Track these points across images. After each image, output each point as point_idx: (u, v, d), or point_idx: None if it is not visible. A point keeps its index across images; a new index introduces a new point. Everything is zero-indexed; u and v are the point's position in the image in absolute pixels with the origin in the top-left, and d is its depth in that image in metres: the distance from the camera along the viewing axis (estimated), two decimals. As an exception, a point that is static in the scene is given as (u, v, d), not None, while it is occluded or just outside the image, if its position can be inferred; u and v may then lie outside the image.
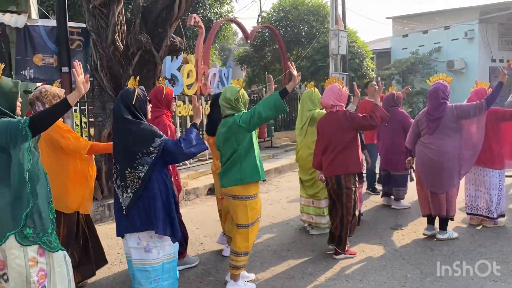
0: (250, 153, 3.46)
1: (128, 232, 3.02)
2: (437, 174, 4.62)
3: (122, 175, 2.98)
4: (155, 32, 5.86)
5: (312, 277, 3.82)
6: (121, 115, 2.98)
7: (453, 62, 17.87)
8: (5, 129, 2.43)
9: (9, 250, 2.45)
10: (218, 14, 14.69)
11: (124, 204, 2.98)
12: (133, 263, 3.03)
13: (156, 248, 3.00)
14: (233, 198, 3.52)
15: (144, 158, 2.93)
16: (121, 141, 3.02)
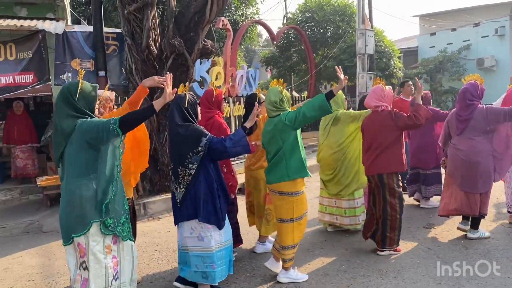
0: (295, 150, 3.62)
1: (181, 221, 3.39)
2: (471, 175, 4.58)
3: (175, 172, 3.37)
4: (187, 36, 6.03)
5: (346, 274, 3.88)
6: (173, 120, 3.37)
7: (483, 60, 17.51)
8: (95, 127, 2.73)
9: (92, 237, 2.71)
10: (244, 16, 14.83)
11: (178, 198, 3.37)
12: (190, 250, 3.38)
13: (207, 237, 3.33)
14: (280, 194, 3.67)
15: (194, 157, 3.28)
16: (174, 143, 3.41)
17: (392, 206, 4.23)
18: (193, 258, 3.37)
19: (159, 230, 5.61)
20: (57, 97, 2.90)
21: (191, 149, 3.28)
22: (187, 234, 3.39)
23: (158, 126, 6.34)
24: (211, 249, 3.34)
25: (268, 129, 3.71)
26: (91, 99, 2.89)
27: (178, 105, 3.40)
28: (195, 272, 3.38)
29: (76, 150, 2.76)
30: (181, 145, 3.32)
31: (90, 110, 2.89)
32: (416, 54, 20.94)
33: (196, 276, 3.40)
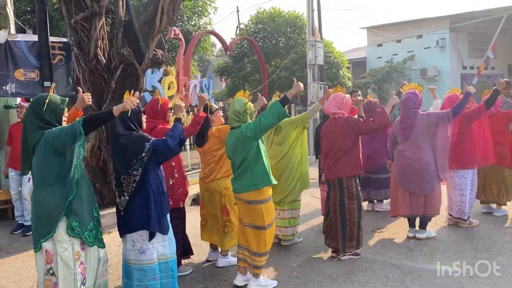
0: (259, 159, 3.68)
1: (126, 233, 3.29)
2: (417, 178, 4.84)
3: (118, 182, 3.27)
4: (137, 46, 5.95)
5: (298, 280, 3.95)
6: (114, 128, 3.27)
7: (426, 70, 18.38)
8: (62, 132, 2.81)
9: (59, 243, 2.79)
10: (196, 26, 14.84)
11: (121, 206, 3.27)
12: (132, 263, 3.29)
13: (149, 250, 3.25)
14: (249, 203, 3.70)
15: (138, 163, 3.20)
16: (116, 152, 3.32)
17: (350, 209, 4.36)
18: (135, 271, 3.27)
19: (110, 244, 5.44)
20: (27, 110, 3.04)
21: (135, 156, 3.20)
22: (129, 247, 3.30)
23: (107, 137, 6.19)
24: (153, 261, 3.26)
25: (231, 141, 3.76)
26: (59, 111, 2.98)
27: (121, 114, 3.24)
28: (138, 286, 3.26)
29: (43, 160, 2.86)
30: (124, 154, 3.24)
31: (58, 122, 2.97)
32: (364, 64, 21.69)
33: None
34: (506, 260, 4.17)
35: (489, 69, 18.24)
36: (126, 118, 3.26)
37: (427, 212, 4.93)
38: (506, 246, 4.57)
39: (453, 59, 18.21)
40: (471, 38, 18.63)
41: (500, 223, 5.44)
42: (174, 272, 3.42)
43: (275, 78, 15.59)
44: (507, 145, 5.71)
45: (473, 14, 17.48)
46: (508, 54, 18.64)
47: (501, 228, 5.21)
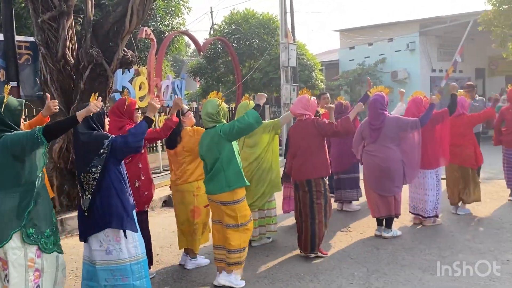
0: (232, 161, 3.72)
1: (91, 234, 3.20)
2: (385, 179, 4.97)
3: (79, 180, 3.22)
4: (106, 46, 5.89)
5: (266, 280, 4.00)
6: (76, 128, 3.20)
7: (397, 73, 18.76)
8: (20, 138, 2.77)
9: (12, 250, 2.74)
10: (169, 26, 14.74)
11: (84, 206, 3.18)
12: (97, 264, 3.21)
13: (116, 250, 3.19)
14: (222, 204, 3.75)
15: (97, 160, 3.14)
16: (77, 151, 3.30)
17: (319, 209, 4.44)
18: (101, 272, 3.20)
19: (78, 246, 5.36)
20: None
21: (94, 153, 3.16)
22: (96, 247, 3.22)
23: (76, 138, 6.11)
24: (121, 261, 3.21)
25: (205, 141, 3.80)
26: (17, 113, 2.96)
27: None
28: (105, 287, 3.21)
29: (0, 164, 2.79)
30: (84, 152, 3.20)
31: (16, 124, 2.93)
32: (337, 66, 21.96)
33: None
34: (465, 257, 4.33)
35: (457, 72, 18.78)
36: (89, 118, 3.21)
37: (396, 212, 5.07)
38: (466, 244, 4.73)
39: (423, 62, 18.64)
40: (440, 42, 19.11)
41: (463, 222, 5.63)
42: (146, 271, 3.38)
43: (249, 79, 15.65)
44: (470, 147, 5.90)
45: (442, 19, 17.93)
46: (476, 58, 19.20)
47: (464, 227, 5.39)
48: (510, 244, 4.65)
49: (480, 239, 4.86)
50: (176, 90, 10.75)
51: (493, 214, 5.91)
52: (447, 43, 19.10)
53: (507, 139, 6.51)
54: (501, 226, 5.31)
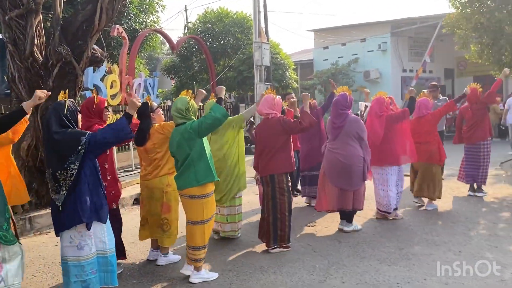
0: (202, 157, 3.86)
1: (63, 230, 3.26)
2: (347, 174, 5.16)
3: (54, 177, 3.24)
4: (75, 44, 5.91)
5: (230, 273, 4.13)
6: (49, 126, 3.26)
7: (369, 72, 19.16)
8: None
9: None
10: (143, 24, 14.68)
11: (59, 202, 3.23)
12: (69, 260, 3.27)
13: (88, 245, 3.28)
14: (191, 198, 3.87)
15: (75, 156, 3.21)
16: (50, 149, 3.30)
17: (282, 204, 4.60)
18: (72, 268, 3.27)
19: (47, 244, 5.41)
20: None
21: (71, 151, 3.21)
22: (67, 243, 3.29)
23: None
24: (91, 256, 3.30)
25: (176, 138, 3.91)
26: None
27: (57, 111, 3.31)
28: (75, 283, 3.27)
29: None
30: (59, 150, 3.23)
31: None
32: (312, 66, 22.27)
33: (75, 286, 3.28)
34: (421, 249, 4.56)
35: (427, 72, 19.31)
36: (62, 116, 3.29)
37: (354, 207, 5.26)
38: (424, 237, 4.97)
39: (394, 62, 19.10)
40: (411, 42, 19.61)
41: (423, 216, 5.88)
42: (113, 266, 3.46)
43: (223, 77, 15.75)
44: (435, 144, 6.17)
45: (413, 20, 18.42)
46: (445, 59, 19.79)
47: (423, 221, 5.64)
48: (463, 237, 4.91)
49: (437, 232, 5.11)
50: (148, 88, 10.75)
51: (452, 209, 6.20)
52: (417, 44, 19.63)
53: (467, 136, 6.84)
54: (457, 220, 5.59)
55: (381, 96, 5.76)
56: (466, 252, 4.41)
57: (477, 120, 6.73)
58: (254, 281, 3.91)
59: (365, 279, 3.85)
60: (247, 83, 15.71)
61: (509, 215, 5.74)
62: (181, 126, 3.91)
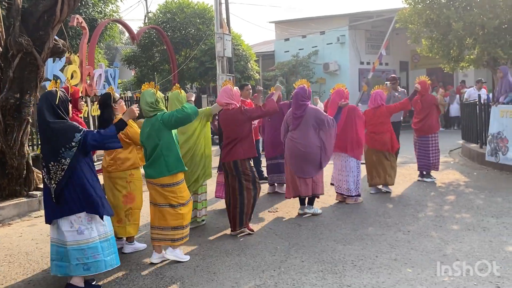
0: (172, 147, 4.03)
1: (61, 217, 3.38)
2: (305, 162, 5.46)
3: (47, 167, 3.36)
4: (36, 35, 5.87)
5: (197, 257, 4.32)
6: (43, 116, 3.35)
7: (328, 65, 19.63)
8: None
9: None
10: (102, 13, 14.45)
11: (52, 193, 3.37)
12: (69, 244, 3.39)
13: (88, 230, 3.41)
14: (162, 187, 4.05)
15: (67, 152, 3.32)
16: (45, 138, 3.41)
17: (248, 189, 4.83)
18: (72, 252, 3.38)
19: (10, 235, 5.41)
20: None
21: (63, 144, 3.31)
22: (67, 228, 3.39)
23: (5, 127, 6.04)
24: (93, 240, 3.42)
25: (146, 129, 4.07)
26: None
27: (49, 101, 3.39)
28: (76, 265, 3.39)
29: None
30: (53, 141, 3.33)
31: None
32: (273, 57, 22.55)
33: (77, 269, 3.41)
34: (374, 230, 4.93)
35: (383, 64, 20.02)
36: (54, 106, 3.37)
37: (314, 192, 5.58)
38: (377, 219, 5.35)
39: (352, 55, 19.66)
40: (368, 35, 20.22)
41: (377, 200, 6.29)
42: (115, 247, 3.62)
43: (185, 68, 15.76)
44: (387, 133, 6.58)
45: (369, 14, 19.02)
46: (400, 52, 20.54)
47: (377, 205, 6.04)
48: (412, 218, 5.32)
49: (389, 215, 5.51)
50: (109, 79, 10.70)
51: (403, 193, 6.65)
52: (374, 37, 20.27)
53: (417, 127, 7.31)
54: (408, 203, 6.02)
55: (340, 88, 6.09)
56: (413, 231, 4.81)
57: (427, 114, 7.18)
58: (219, 263, 4.13)
59: (322, 258, 4.15)
60: (209, 74, 15.80)
61: (454, 198, 6.23)
62: (153, 117, 4.07)
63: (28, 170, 6.44)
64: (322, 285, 3.57)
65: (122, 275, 3.96)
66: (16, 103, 5.98)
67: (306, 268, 3.93)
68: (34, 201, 6.37)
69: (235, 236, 4.88)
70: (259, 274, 3.83)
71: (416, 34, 10.20)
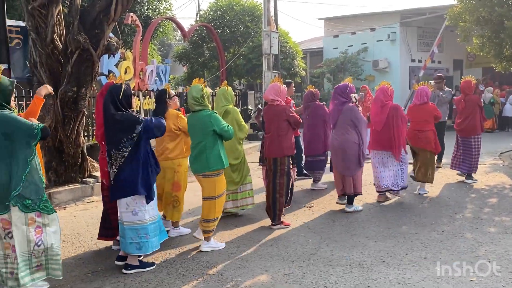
0: (215, 146, 4.34)
1: (117, 198, 3.80)
2: (343, 160, 5.55)
3: (109, 154, 3.76)
4: (92, 33, 6.32)
5: (232, 244, 4.56)
6: (108, 108, 3.73)
7: (378, 62, 19.32)
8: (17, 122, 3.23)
9: (14, 212, 3.21)
10: (156, 11, 15.04)
11: (111, 177, 3.77)
12: (125, 224, 3.80)
13: (141, 211, 3.80)
14: (204, 176, 4.38)
15: (128, 142, 3.70)
16: (109, 128, 3.79)
17: (281, 185, 5.02)
18: (127, 231, 3.79)
19: (65, 217, 5.89)
20: None
21: (125, 135, 3.67)
22: (123, 209, 3.81)
23: (63, 118, 6.56)
24: (145, 221, 3.80)
25: (193, 124, 4.39)
26: (8, 92, 3.32)
27: (113, 95, 3.74)
28: (130, 244, 3.78)
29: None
30: (116, 131, 3.69)
31: (6, 102, 3.29)
32: (321, 54, 22.46)
33: (131, 248, 3.80)
34: (408, 228, 4.96)
35: (435, 63, 19.44)
36: (117, 99, 3.72)
37: (355, 191, 5.66)
38: (412, 218, 5.35)
39: (403, 52, 19.23)
40: (420, 32, 19.69)
41: (415, 200, 6.25)
42: (158, 230, 3.99)
43: (233, 65, 16.08)
44: (431, 133, 6.49)
45: (422, 10, 18.50)
46: (454, 49, 19.82)
47: (414, 204, 6.01)
48: (449, 219, 5.28)
49: (425, 214, 5.49)
50: (160, 75, 11.17)
51: (443, 194, 6.56)
52: (426, 34, 19.71)
53: (460, 128, 7.15)
54: (446, 204, 5.95)
55: (385, 85, 6.08)
56: (448, 231, 4.79)
57: (470, 114, 7.02)
58: (252, 252, 4.35)
59: (352, 252, 4.26)
60: (256, 71, 16.02)
61: (496, 201, 6.08)
62: (198, 113, 4.35)
63: (83, 158, 6.96)
64: (348, 277, 3.69)
65: (163, 257, 4.26)
66: (74, 96, 6.48)
67: (335, 261, 4.06)
68: (87, 187, 6.88)
69: (270, 228, 5.07)
70: (288, 264, 4.01)
71: (467, 32, 9.89)
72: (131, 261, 3.92)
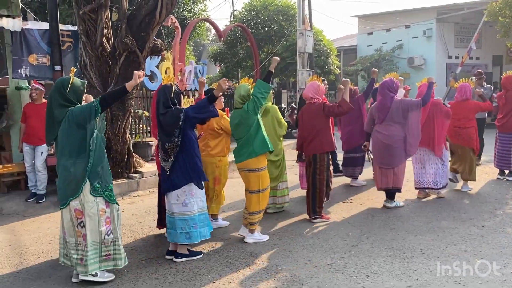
0: (259, 132, 4.51)
1: (171, 190, 4.05)
2: (386, 153, 5.64)
3: (163, 148, 4.04)
4: (139, 35, 6.66)
5: (274, 236, 4.76)
6: (159, 106, 4.04)
7: (413, 59, 19.06)
8: (83, 109, 3.49)
9: (87, 203, 3.50)
10: (192, 12, 15.42)
11: (167, 168, 4.05)
12: (176, 215, 4.06)
13: (191, 203, 4.06)
14: (249, 171, 4.56)
15: (177, 131, 3.98)
16: (160, 125, 4.08)
17: (321, 181, 5.18)
18: (178, 221, 4.05)
19: (114, 210, 6.24)
20: (52, 89, 3.63)
21: (175, 127, 3.95)
22: (174, 201, 4.07)
23: (111, 117, 6.94)
24: (194, 212, 4.06)
25: (235, 120, 4.58)
26: (79, 92, 3.65)
27: (165, 94, 4.05)
28: (180, 233, 4.04)
29: (67, 133, 3.52)
30: (167, 126, 3.98)
31: (78, 101, 3.62)
32: (355, 51, 22.33)
33: (181, 237, 4.06)
34: (447, 223, 5.02)
35: (474, 59, 19.01)
36: (169, 98, 4.02)
37: (394, 186, 5.73)
38: (452, 214, 5.40)
39: (439, 48, 18.90)
40: (457, 28, 19.29)
41: (454, 196, 6.27)
42: (208, 220, 4.24)
43: (267, 64, 16.26)
44: (473, 130, 6.48)
45: (459, 6, 18.13)
46: (493, 45, 19.32)
47: (454, 200, 6.04)
48: (489, 214, 5.30)
49: (464, 210, 5.53)
50: (198, 75, 11.47)
51: (483, 191, 6.54)
52: (464, 30, 19.29)
53: (500, 124, 7.09)
54: (486, 200, 5.95)
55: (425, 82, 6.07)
56: (488, 226, 4.83)
57: (510, 110, 6.95)
58: (294, 243, 4.53)
59: (392, 245, 4.38)
60: (289, 70, 16.16)
61: (538, 198, 6.04)
62: (238, 110, 4.56)
63: (129, 155, 7.33)
64: (389, 268, 3.82)
65: (209, 247, 4.51)
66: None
67: (376, 253, 4.19)
68: (133, 182, 7.24)
69: (310, 221, 5.24)
70: (330, 255, 4.17)
71: (507, 27, 9.71)
72: (181, 250, 4.18)
